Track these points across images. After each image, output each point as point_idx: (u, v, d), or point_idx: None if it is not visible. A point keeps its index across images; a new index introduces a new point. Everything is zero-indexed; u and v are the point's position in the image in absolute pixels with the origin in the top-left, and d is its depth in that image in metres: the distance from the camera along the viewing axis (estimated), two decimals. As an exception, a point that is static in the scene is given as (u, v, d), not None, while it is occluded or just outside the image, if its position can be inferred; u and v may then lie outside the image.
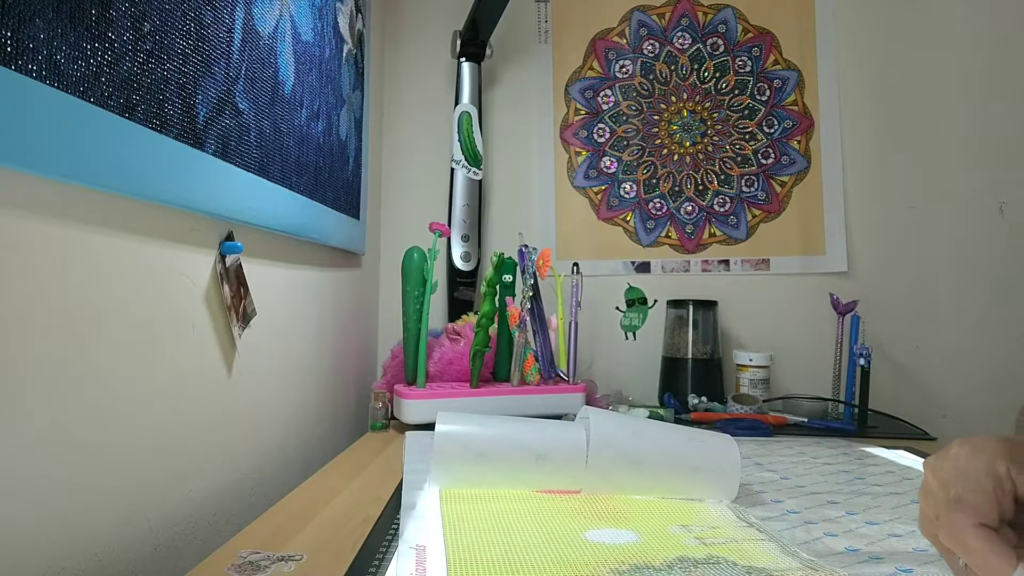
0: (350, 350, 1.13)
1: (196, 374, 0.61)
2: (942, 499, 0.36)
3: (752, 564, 0.45)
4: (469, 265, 1.25)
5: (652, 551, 0.47)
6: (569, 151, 1.36)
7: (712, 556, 0.46)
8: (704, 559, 0.45)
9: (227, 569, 0.45)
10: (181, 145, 0.55)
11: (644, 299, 1.15)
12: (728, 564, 0.45)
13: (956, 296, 1.26)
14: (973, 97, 1.27)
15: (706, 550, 0.47)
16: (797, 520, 0.57)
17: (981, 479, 0.35)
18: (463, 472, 0.60)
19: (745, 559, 0.45)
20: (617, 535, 0.50)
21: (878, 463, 0.79)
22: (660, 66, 1.34)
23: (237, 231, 0.67)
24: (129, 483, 0.52)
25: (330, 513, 0.58)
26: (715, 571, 0.43)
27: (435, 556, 0.45)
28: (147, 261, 0.54)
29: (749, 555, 0.46)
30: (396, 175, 1.37)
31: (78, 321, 0.46)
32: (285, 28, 0.77)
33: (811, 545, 0.50)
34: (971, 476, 0.35)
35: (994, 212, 1.24)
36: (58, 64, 0.40)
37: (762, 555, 0.46)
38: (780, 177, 1.32)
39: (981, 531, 0.34)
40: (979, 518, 0.35)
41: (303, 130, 0.84)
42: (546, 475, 0.60)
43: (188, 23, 0.55)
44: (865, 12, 1.31)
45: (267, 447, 0.77)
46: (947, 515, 0.36)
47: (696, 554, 0.46)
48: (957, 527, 0.35)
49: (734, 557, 0.46)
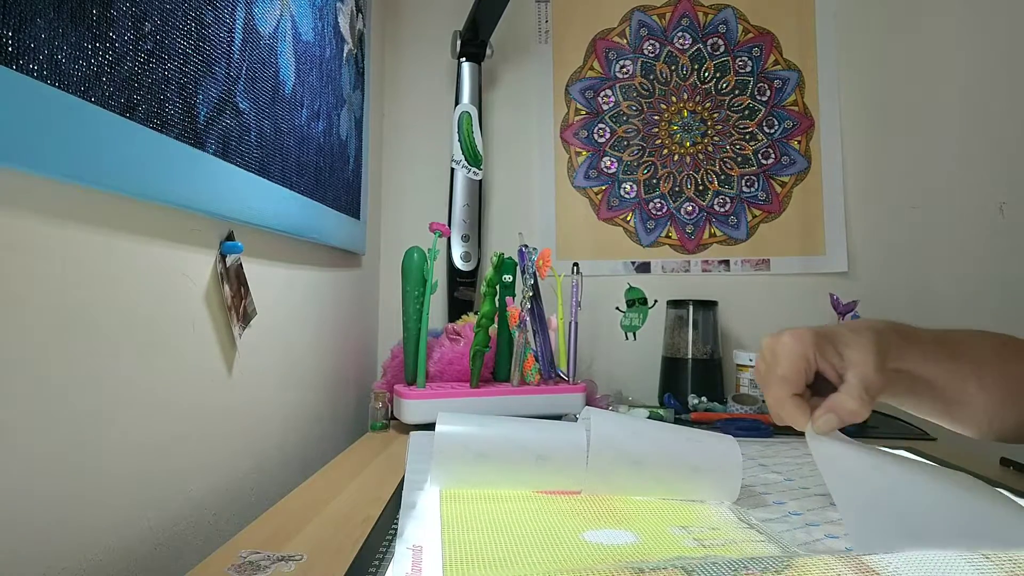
0: (350, 350, 1.13)
1: (196, 374, 0.61)
2: (771, 373, 0.52)
3: None
4: (469, 265, 1.25)
5: (649, 552, 0.47)
6: (569, 151, 1.36)
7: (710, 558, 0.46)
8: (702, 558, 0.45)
9: (227, 569, 0.45)
10: (182, 145, 0.55)
11: (644, 299, 1.15)
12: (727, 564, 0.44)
13: (956, 296, 1.26)
14: (973, 97, 1.27)
15: (703, 551, 0.47)
16: (799, 522, 0.57)
17: (796, 362, 0.50)
18: (463, 472, 0.59)
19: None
20: (615, 536, 0.50)
21: (878, 463, 0.79)
22: (660, 66, 1.34)
23: (237, 231, 0.67)
24: (129, 483, 0.52)
25: (330, 513, 0.58)
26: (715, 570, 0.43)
27: (432, 556, 0.45)
28: (147, 261, 0.54)
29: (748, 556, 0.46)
30: (396, 175, 1.37)
31: (78, 321, 0.46)
32: (286, 28, 0.77)
33: (811, 546, 0.50)
34: (791, 360, 0.51)
35: (994, 212, 1.24)
36: (59, 64, 0.40)
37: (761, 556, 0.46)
38: (780, 177, 1.32)
39: (793, 399, 0.51)
40: (793, 390, 0.51)
41: (303, 130, 0.84)
42: (546, 475, 0.60)
43: (189, 23, 0.55)
44: (865, 12, 1.31)
45: (267, 447, 0.77)
46: (773, 386, 0.52)
47: (694, 555, 0.46)
48: (778, 395, 0.51)
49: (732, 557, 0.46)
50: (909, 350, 0.52)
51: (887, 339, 0.51)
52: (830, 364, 0.51)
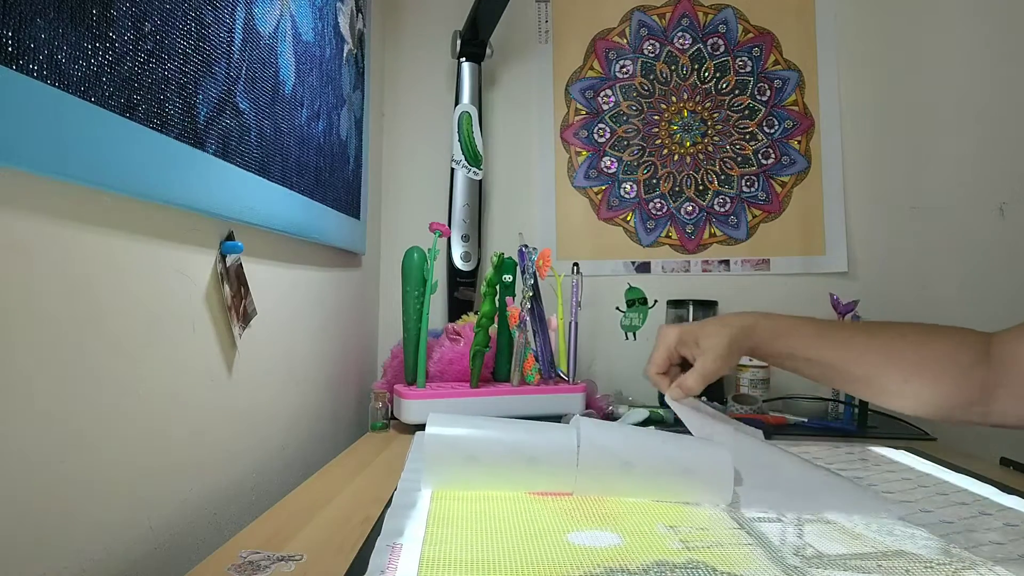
0: (350, 350, 1.13)
1: (197, 374, 0.61)
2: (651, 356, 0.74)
3: (732, 571, 0.44)
4: (469, 265, 1.25)
5: (631, 554, 0.46)
6: (569, 151, 1.36)
7: (692, 561, 0.45)
8: (683, 564, 0.45)
9: (227, 569, 0.45)
10: (182, 145, 0.55)
11: (644, 299, 1.15)
12: (707, 570, 0.44)
13: (956, 296, 1.26)
14: (973, 97, 1.27)
15: (687, 554, 0.46)
16: (792, 521, 0.57)
17: (661, 352, 0.72)
18: (454, 474, 0.59)
19: (726, 565, 0.45)
20: (599, 537, 0.50)
21: (879, 462, 0.79)
22: (660, 66, 1.34)
23: (237, 231, 0.67)
24: (129, 483, 0.52)
25: (330, 513, 0.58)
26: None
27: (410, 554, 0.45)
28: (148, 261, 0.54)
29: (731, 561, 0.46)
30: (396, 175, 1.37)
31: (79, 321, 0.46)
32: (286, 28, 0.77)
33: (802, 550, 0.50)
34: (658, 350, 0.73)
35: (994, 212, 1.25)
36: (59, 64, 0.40)
37: (745, 561, 0.46)
38: (780, 177, 1.32)
39: (659, 376, 0.73)
40: (658, 370, 0.73)
41: (303, 130, 0.84)
42: (538, 477, 0.59)
43: (189, 23, 0.55)
44: (865, 12, 1.31)
45: (267, 447, 0.77)
46: (649, 365, 0.73)
47: (676, 559, 0.46)
48: (650, 371, 0.73)
49: (715, 563, 0.45)
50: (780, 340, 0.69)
51: (743, 336, 0.69)
52: (689, 352, 0.71)
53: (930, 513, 0.59)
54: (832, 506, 0.59)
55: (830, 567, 0.46)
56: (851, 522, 0.56)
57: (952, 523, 0.56)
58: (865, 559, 0.48)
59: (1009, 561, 0.47)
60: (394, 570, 0.43)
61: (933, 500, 0.63)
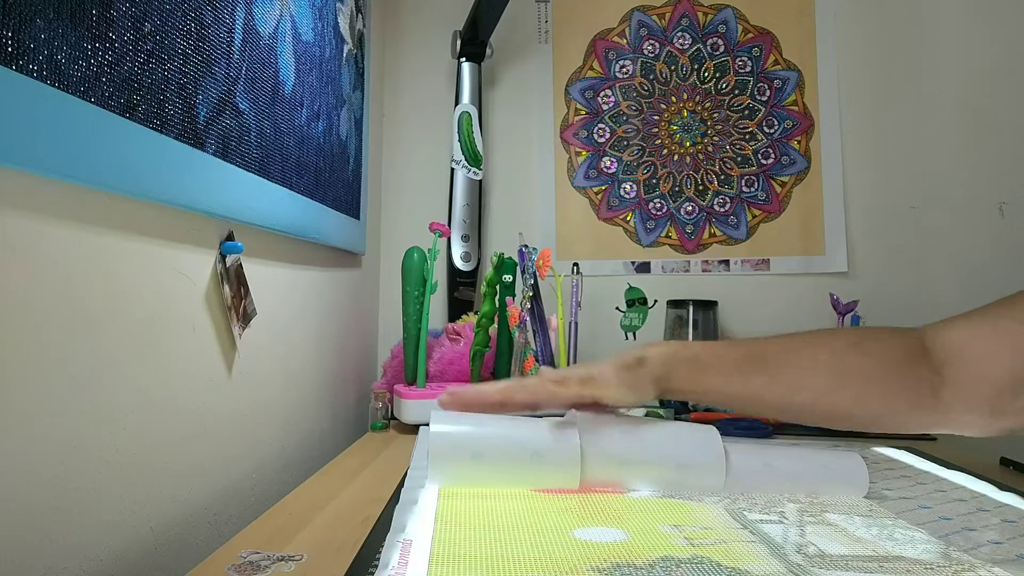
0: (350, 350, 1.13)
1: (196, 374, 0.62)
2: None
3: (736, 566, 0.44)
4: (469, 265, 1.25)
5: (637, 550, 0.47)
6: (569, 151, 1.36)
7: (697, 556, 0.46)
8: (688, 559, 0.45)
9: (227, 569, 0.45)
10: (181, 145, 0.55)
11: (644, 299, 1.15)
12: (712, 565, 0.44)
13: (956, 296, 1.26)
14: (973, 97, 1.27)
15: (692, 550, 0.47)
16: (795, 522, 0.57)
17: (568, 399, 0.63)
18: (458, 472, 0.59)
19: (730, 560, 0.45)
20: (605, 533, 0.50)
21: (879, 461, 0.79)
22: (660, 66, 1.34)
23: (237, 231, 0.67)
24: (129, 483, 0.52)
25: (330, 513, 0.58)
26: (698, 571, 0.43)
27: (420, 551, 0.45)
28: (147, 261, 0.54)
29: (735, 556, 0.46)
30: (396, 175, 1.37)
31: (78, 321, 0.46)
32: (285, 28, 0.77)
33: (804, 548, 0.50)
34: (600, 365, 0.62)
35: (994, 212, 1.25)
36: (59, 64, 0.40)
37: (748, 557, 0.46)
38: (780, 177, 1.32)
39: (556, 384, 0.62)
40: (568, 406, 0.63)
41: (303, 130, 0.84)
42: (543, 473, 0.60)
43: (188, 23, 0.55)
44: (865, 12, 1.31)
45: (267, 447, 0.77)
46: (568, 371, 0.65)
47: (681, 554, 0.46)
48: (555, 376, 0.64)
49: (719, 558, 0.46)
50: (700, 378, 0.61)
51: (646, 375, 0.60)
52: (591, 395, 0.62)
53: (929, 510, 0.59)
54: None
55: (832, 567, 0.46)
56: (852, 524, 0.56)
57: (951, 519, 0.57)
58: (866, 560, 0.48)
59: (1008, 562, 0.48)
60: (405, 566, 0.43)
61: (932, 497, 0.64)
